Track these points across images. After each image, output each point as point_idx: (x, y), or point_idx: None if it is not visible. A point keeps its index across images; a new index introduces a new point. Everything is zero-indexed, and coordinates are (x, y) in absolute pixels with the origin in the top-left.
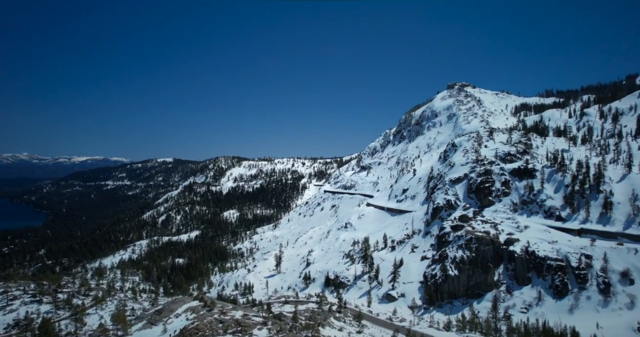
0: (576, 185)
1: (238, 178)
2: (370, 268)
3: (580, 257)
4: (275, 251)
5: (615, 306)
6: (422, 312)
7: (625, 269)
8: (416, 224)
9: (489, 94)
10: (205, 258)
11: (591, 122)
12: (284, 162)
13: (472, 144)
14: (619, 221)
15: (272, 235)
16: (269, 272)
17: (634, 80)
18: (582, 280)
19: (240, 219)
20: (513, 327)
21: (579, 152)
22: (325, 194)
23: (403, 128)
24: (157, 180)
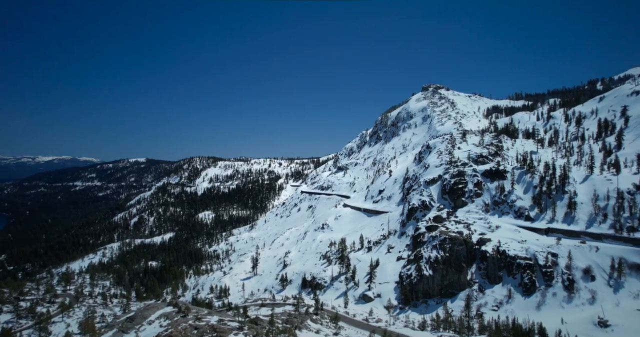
0: (543, 186)
1: (213, 178)
2: (347, 269)
3: (547, 256)
4: (252, 252)
5: (578, 302)
6: (397, 312)
7: (587, 266)
8: (392, 224)
9: (462, 96)
10: (180, 261)
11: (557, 125)
12: (261, 163)
13: (446, 146)
14: (582, 220)
15: (249, 236)
16: (245, 274)
17: (595, 85)
18: (548, 278)
19: (215, 220)
20: (485, 325)
21: (546, 153)
22: (302, 195)
23: (379, 129)
24: (129, 181)
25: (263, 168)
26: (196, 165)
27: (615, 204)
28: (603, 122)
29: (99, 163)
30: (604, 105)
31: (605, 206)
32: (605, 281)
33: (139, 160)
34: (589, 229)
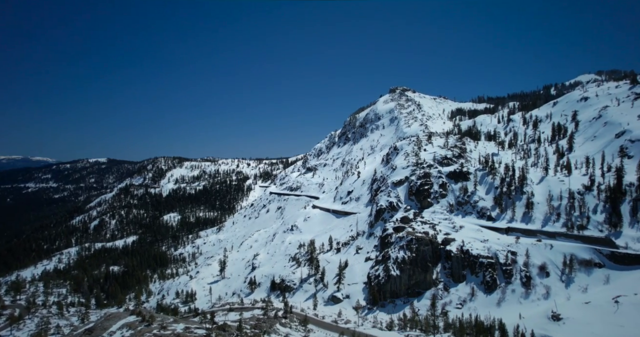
0: (504, 187)
1: (179, 179)
2: (316, 271)
3: (507, 254)
4: (220, 255)
5: (534, 297)
6: (366, 312)
7: (542, 263)
8: (360, 225)
9: (427, 99)
10: (144, 265)
11: (516, 128)
12: (229, 163)
13: (412, 148)
14: (538, 220)
15: (216, 238)
16: (213, 277)
17: (549, 90)
18: (508, 275)
19: (181, 222)
20: (449, 323)
21: (506, 155)
22: (271, 196)
23: (348, 130)
24: (88, 182)
25: (231, 169)
26: (161, 165)
27: (567, 204)
28: (556, 126)
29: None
30: (557, 110)
31: (558, 206)
32: (558, 276)
33: (99, 161)
34: (545, 227)
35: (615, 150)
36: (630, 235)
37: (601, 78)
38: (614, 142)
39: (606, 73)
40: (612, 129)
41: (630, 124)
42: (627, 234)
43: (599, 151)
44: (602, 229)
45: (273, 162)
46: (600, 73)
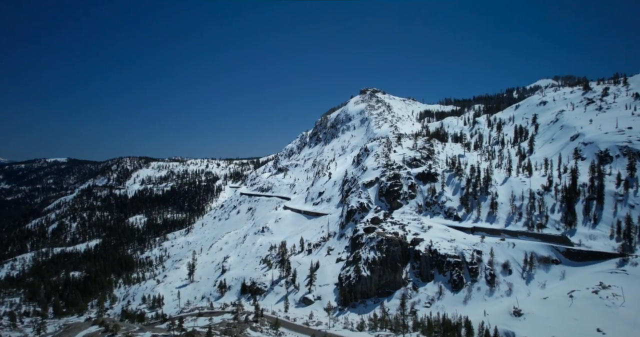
0: (470, 188)
1: (146, 180)
2: (288, 273)
3: (473, 253)
4: (188, 258)
5: (498, 294)
6: (337, 313)
7: (506, 261)
8: (332, 226)
9: (397, 100)
10: (108, 269)
11: (481, 130)
12: (198, 163)
13: (382, 149)
14: (502, 219)
15: (185, 241)
16: (181, 281)
17: (512, 93)
18: (474, 273)
19: (148, 224)
20: (418, 322)
21: (472, 157)
22: (241, 197)
23: (319, 130)
24: (46, 183)
25: (200, 169)
26: (126, 166)
27: (528, 204)
28: (518, 129)
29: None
30: (519, 113)
31: (520, 206)
32: (520, 273)
33: (58, 160)
34: (508, 227)
35: (570, 152)
36: (584, 232)
37: (558, 83)
38: (570, 145)
39: (562, 78)
40: (567, 132)
41: (583, 128)
42: (581, 232)
43: (556, 153)
44: (559, 227)
45: (244, 162)
46: (557, 78)
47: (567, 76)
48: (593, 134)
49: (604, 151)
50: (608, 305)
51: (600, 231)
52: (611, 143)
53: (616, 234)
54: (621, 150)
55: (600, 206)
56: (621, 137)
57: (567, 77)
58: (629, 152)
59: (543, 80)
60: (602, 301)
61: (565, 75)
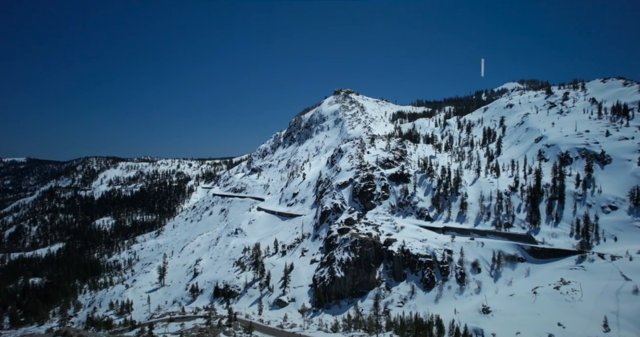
0: (441, 188)
1: (114, 181)
2: (261, 275)
3: (444, 253)
4: (159, 261)
5: (468, 292)
6: (311, 315)
7: (475, 260)
8: (306, 227)
9: (370, 101)
10: (72, 275)
11: (452, 131)
12: (169, 163)
13: (356, 150)
14: (471, 219)
15: (155, 243)
16: (151, 285)
17: (481, 96)
18: (445, 272)
19: (116, 227)
20: (391, 321)
21: (443, 158)
22: (214, 198)
23: (293, 131)
24: (2, 184)
25: (171, 169)
26: (92, 166)
27: (496, 204)
28: (487, 131)
29: None
30: (487, 115)
31: (489, 206)
32: (488, 272)
33: (17, 160)
34: (477, 226)
35: (535, 154)
36: (547, 231)
37: (523, 86)
38: (534, 147)
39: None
40: (532, 135)
41: (546, 131)
42: (544, 230)
43: (522, 155)
44: (525, 226)
45: (216, 162)
46: (523, 82)
47: (532, 80)
48: (555, 137)
49: (564, 153)
50: (568, 300)
51: (562, 229)
52: (571, 145)
53: (575, 232)
54: (580, 152)
55: (562, 205)
56: (580, 140)
57: (532, 81)
58: (587, 154)
59: (510, 84)
60: (562, 296)
61: (530, 79)
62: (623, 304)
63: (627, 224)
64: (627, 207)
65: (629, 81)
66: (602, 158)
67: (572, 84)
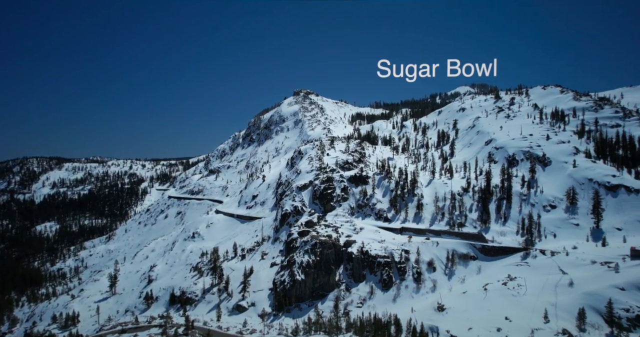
0: (398, 190)
1: (58, 183)
2: (220, 280)
3: (401, 253)
4: (110, 268)
5: (424, 291)
6: (272, 319)
7: (430, 259)
8: (266, 230)
9: (330, 103)
10: (7, 287)
11: (408, 133)
12: (120, 164)
13: (316, 152)
14: (427, 219)
15: (106, 249)
16: (101, 295)
17: (435, 99)
18: (402, 272)
19: (61, 232)
20: (351, 322)
21: (400, 160)
22: (169, 200)
23: (252, 131)
24: None
25: (123, 170)
26: (33, 167)
27: (450, 204)
28: (441, 133)
29: None
30: (441, 118)
31: (443, 206)
32: (443, 270)
33: None
34: (432, 226)
35: (485, 156)
36: (496, 230)
37: (474, 91)
38: (485, 149)
39: (478, 86)
40: (483, 137)
41: (495, 134)
42: (494, 229)
43: (473, 157)
44: (476, 225)
45: (172, 163)
46: (474, 86)
47: (482, 84)
48: (503, 140)
49: (511, 155)
50: (514, 295)
51: (509, 228)
52: (517, 148)
53: (521, 230)
54: (525, 154)
55: (509, 205)
56: (525, 143)
57: (482, 85)
58: (531, 157)
59: (462, 88)
60: (509, 291)
61: (480, 84)
62: (560, 296)
63: (565, 221)
64: (565, 206)
65: (565, 89)
66: (543, 160)
67: (518, 89)
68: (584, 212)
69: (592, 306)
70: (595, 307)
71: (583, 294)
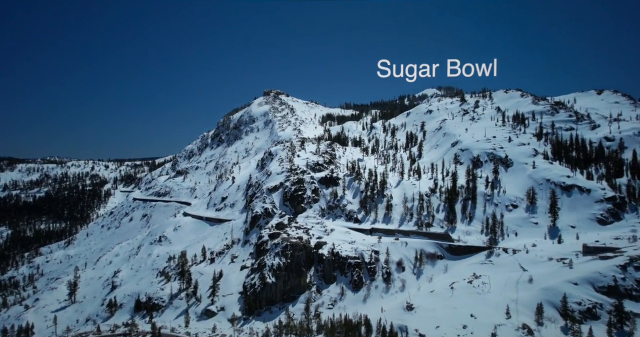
0: (368, 191)
1: (10, 185)
2: (188, 284)
3: (371, 254)
4: (69, 275)
5: (393, 291)
6: (242, 323)
7: (400, 259)
8: (236, 233)
9: (300, 103)
10: None
11: (378, 134)
12: (81, 165)
13: (286, 154)
14: (396, 220)
15: (65, 255)
16: (59, 304)
17: (404, 100)
18: (372, 273)
19: (13, 238)
20: (322, 324)
21: (370, 161)
22: (135, 203)
23: (221, 131)
24: None
25: (84, 171)
26: None
27: (418, 205)
28: (409, 135)
29: None
30: (410, 120)
31: (411, 207)
32: (412, 270)
33: None
34: (401, 226)
35: (452, 157)
36: (462, 229)
37: (441, 93)
38: (451, 151)
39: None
40: (449, 139)
41: (461, 136)
42: (460, 229)
43: (440, 158)
44: (443, 225)
45: (137, 163)
46: (440, 88)
47: (448, 87)
48: (468, 142)
49: (476, 157)
50: (479, 292)
51: (474, 227)
52: (481, 150)
53: (485, 229)
54: (488, 156)
55: (474, 205)
56: (488, 145)
57: (448, 87)
58: (494, 158)
59: (429, 90)
60: (474, 289)
61: (446, 86)
62: (521, 292)
63: (525, 220)
64: (525, 206)
65: (525, 93)
66: (506, 162)
67: (482, 92)
68: (542, 211)
69: (549, 300)
70: (552, 301)
71: (541, 289)
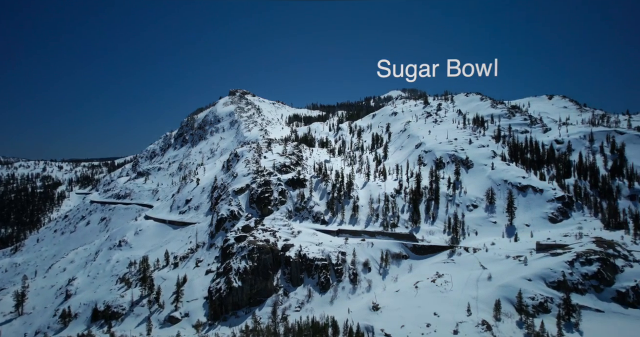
0: (335, 192)
1: None
2: (150, 290)
3: (338, 255)
4: (16, 285)
5: (360, 291)
6: (207, 329)
7: (366, 259)
8: (200, 236)
9: (267, 103)
10: None
11: (344, 136)
12: (31, 166)
13: (253, 155)
14: (362, 221)
15: (11, 262)
16: (4, 317)
17: (370, 102)
18: (339, 274)
19: None
20: (289, 327)
21: (337, 162)
22: (92, 205)
23: (185, 131)
24: None
25: (34, 172)
26: None
27: (384, 206)
28: (375, 136)
29: None
30: (375, 122)
31: (377, 208)
32: (377, 270)
33: None
34: (367, 227)
35: (416, 159)
36: (425, 229)
37: (405, 95)
38: (415, 152)
39: (408, 91)
40: (413, 141)
41: (424, 138)
42: (423, 229)
43: (405, 159)
44: (407, 225)
45: (95, 164)
46: (405, 90)
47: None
48: (431, 143)
49: (439, 158)
50: (442, 291)
51: (437, 227)
52: (444, 152)
53: (447, 229)
54: (450, 157)
55: (437, 205)
56: (450, 147)
57: (412, 89)
58: (456, 160)
59: (394, 91)
60: (437, 288)
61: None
62: (481, 289)
63: (485, 220)
64: (485, 205)
65: (484, 96)
66: (467, 163)
67: (444, 95)
68: (500, 210)
69: (506, 296)
70: (509, 297)
71: (499, 286)
